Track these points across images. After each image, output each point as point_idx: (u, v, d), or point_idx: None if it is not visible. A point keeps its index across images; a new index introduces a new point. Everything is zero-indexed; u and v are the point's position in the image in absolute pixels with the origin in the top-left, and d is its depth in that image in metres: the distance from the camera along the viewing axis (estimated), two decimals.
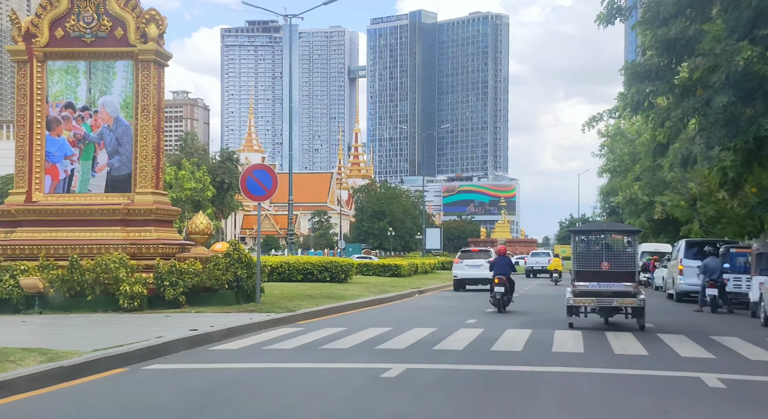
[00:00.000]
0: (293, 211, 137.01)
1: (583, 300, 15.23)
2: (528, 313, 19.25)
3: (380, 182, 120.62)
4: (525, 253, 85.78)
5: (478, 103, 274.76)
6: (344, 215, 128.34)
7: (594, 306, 15.35)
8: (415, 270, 43.51)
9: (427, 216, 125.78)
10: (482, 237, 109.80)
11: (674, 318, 18.83)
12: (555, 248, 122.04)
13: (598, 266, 15.18)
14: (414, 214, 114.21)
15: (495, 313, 18.98)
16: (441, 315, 18.36)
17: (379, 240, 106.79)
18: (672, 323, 17.31)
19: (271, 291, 21.44)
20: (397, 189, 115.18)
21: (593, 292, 15.13)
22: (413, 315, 18.77)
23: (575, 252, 15.64)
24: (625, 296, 15.01)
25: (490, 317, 17.97)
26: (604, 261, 15.08)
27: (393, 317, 17.89)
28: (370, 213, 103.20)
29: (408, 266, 41.63)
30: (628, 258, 15.30)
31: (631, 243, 15.61)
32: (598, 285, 15.11)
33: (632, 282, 15.08)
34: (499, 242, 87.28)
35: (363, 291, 25.62)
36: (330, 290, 24.44)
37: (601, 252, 15.31)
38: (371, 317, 17.85)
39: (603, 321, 16.01)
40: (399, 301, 24.76)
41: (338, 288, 26.28)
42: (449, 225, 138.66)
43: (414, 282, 35.23)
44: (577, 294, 15.25)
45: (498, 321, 16.65)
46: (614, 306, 15.23)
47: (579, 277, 15.34)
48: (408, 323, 15.87)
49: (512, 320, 17.04)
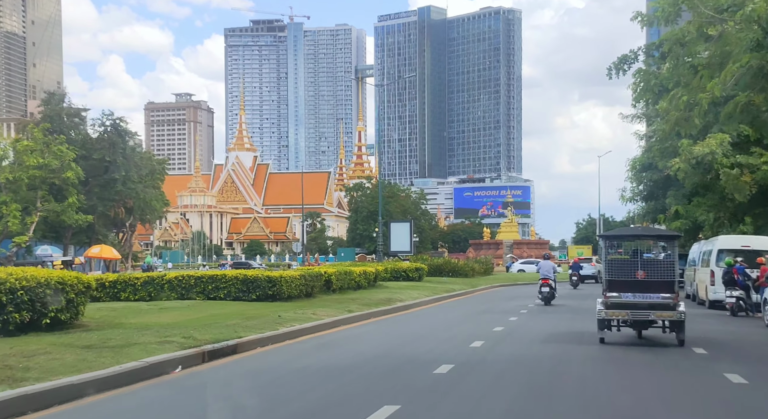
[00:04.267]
0: (285, 213, 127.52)
1: (616, 313, 14.00)
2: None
3: (376, 181, 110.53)
4: (535, 257, 75.24)
5: (490, 102, 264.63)
6: (341, 217, 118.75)
7: (627, 319, 14.08)
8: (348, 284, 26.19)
9: (430, 218, 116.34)
10: (486, 238, 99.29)
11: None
12: (569, 250, 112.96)
13: (632, 275, 14.00)
14: (415, 215, 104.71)
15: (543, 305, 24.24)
16: None
17: (375, 244, 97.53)
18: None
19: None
20: (395, 187, 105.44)
21: (627, 304, 13.94)
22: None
23: (606, 259, 14.48)
24: (663, 309, 13.80)
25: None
26: (640, 270, 13.97)
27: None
28: (365, 214, 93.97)
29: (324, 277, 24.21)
30: (666, 267, 14.09)
31: (669, 249, 15.04)
32: (633, 296, 13.94)
33: (671, 293, 13.85)
34: (505, 243, 76.97)
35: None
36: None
37: (636, 260, 14.26)
38: None
39: (636, 335, 14.93)
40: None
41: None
42: (455, 227, 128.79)
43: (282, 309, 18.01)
44: (610, 306, 14.03)
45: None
46: (650, 320, 13.96)
47: (611, 287, 14.14)
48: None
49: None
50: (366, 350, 12.57)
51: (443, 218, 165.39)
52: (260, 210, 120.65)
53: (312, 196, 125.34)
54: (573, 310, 22.35)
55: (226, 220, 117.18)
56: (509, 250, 77.22)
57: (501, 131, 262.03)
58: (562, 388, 9.16)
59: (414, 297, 25.49)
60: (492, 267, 55.65)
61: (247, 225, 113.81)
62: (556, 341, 14.25)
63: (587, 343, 13.93)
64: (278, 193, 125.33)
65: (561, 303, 25.28)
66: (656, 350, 13.33)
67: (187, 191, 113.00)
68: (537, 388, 9.06)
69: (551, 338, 14.69)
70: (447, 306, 24.73)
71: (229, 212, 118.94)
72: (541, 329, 16.47)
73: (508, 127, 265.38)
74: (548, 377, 9.97)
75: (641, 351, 13.12)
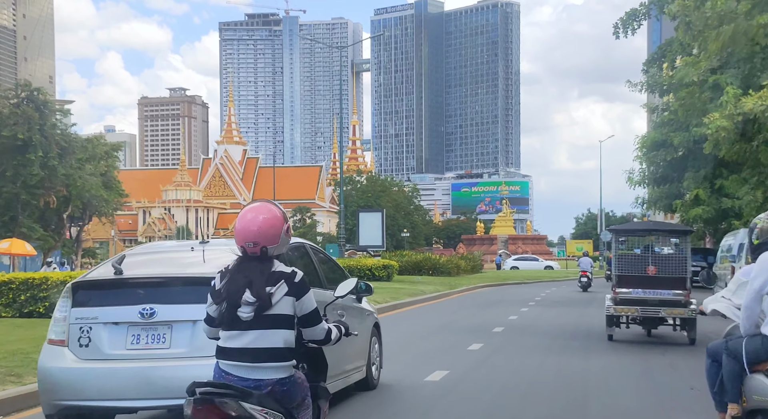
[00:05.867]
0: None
1: (625, 309, 13.50)
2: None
3: (368, 175, 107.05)
4: (531, 253, 71.41)
5: (488, 96, 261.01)
6: (333, 212, 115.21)
7: (637, 315, 13.58)
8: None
9: (424, 213, 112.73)
10: (480, 233, 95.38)
11: None
12: (568, 245, 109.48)
13: (642, 270, 13.44)
14: (408, 210, 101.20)
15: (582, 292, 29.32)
16: None
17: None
18: None
19: None
20: (386, 181, 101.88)
21: (637, 300, 13.41)
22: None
23: (616, 254, 14.03)
24: (674, 305, 13.24)
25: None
26: (650, 265, 13.38)
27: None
28: (355, 209, 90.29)
29: None
30: (677, 262, 13.42)
31: (682, 244, 13.99)
32: (643, 292, 13.39)
33: (683, 289, 13.25)
34: (499, 239, 73.31)
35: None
36: None
37: (646, 255, 13.78)
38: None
39: (645, 333, 14.35)
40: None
41: None
42: (450, 223, 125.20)
43: None
44: (619, 302, 13.49)
45: None
46: (660, 317, 13.52)
47: (621, 283, 13.60)
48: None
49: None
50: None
51: (440, 214, 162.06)
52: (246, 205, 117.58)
53: (303, 190, 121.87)
54: (560, 331, 15.31)
55: (213, 215, 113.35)
56: (504, 246, 73.60)
57: (499, 126, 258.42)
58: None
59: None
60: (481, 264, 49.70)
61: (235, 220, 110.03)
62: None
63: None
64: (268, 187, 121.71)
65: (592, 292, 29.95)
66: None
67: (173, 185, 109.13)
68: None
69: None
70: (398, 318, 18.24)
71: (217, 207, 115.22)
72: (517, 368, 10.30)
73: (507, 122, 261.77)
74: None
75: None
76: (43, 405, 5.99)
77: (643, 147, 33.28)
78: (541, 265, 59.51)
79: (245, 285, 3.67)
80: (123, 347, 5.75)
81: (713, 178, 29.74)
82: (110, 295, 5.93)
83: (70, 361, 5.78)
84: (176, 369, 5.56)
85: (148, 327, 5.77)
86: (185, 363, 5.59)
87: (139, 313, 5.71)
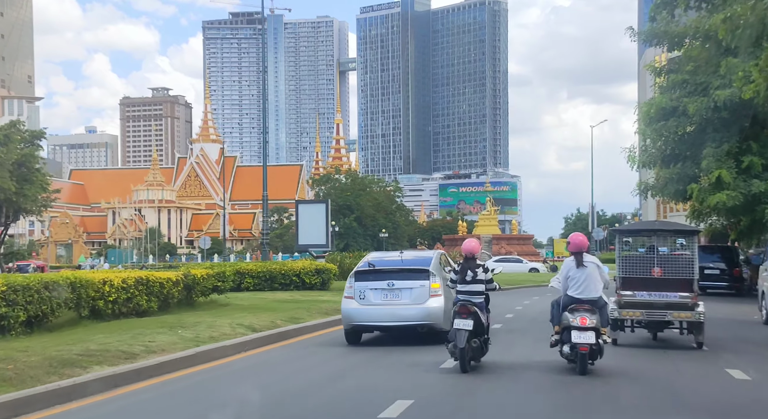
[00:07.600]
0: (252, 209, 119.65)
1: (630, 313, 13.16)
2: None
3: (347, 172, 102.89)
4: (516, 253, 67.26)
5: (475, 96, 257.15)
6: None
7: (642, 319, 13.29)
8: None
9: (407, 213, 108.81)
10: (462, 232, 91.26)
11: None
12: (556, 244, 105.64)
13: (648, 272, 13.13)
14: (389, 209, 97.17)
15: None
16: None
17: (346, 240, 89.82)
18: None
19: None
20: (366, 179, 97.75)
21: (642, 303, 13.12)
22: None
23: (620, 255, 13.64)
24: (680, 308, 12.95)
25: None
26: (656, 267, 13.07)
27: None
28: (333, 209, 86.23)
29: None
30: (684, 264, 13.12)
31: (688, 245, 13.74)
32: (649, 295, 13.11)
33: (690, 292, 12.98)
34: (483, 239, 69.12)
35: None
36: None
37: (651, 256, 13.34)
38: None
39: (651, 337, 14.07)
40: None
41: None
42: (435, 223, 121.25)
43: None
44: (623, 305, 13.15)
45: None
46: (666, 320, 13.17)
47: (625, 285, 13.26)
48: None
49: None
50: None
51: (426, 215, 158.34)
52: (226, 206, 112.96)
53: (283, 190, 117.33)
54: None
55: (186, 216, 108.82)
56: (487, 247, 69.51)
57: (487, 126, 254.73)
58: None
59: (226, 334, 12.82)
60: None
61: (209, 221, 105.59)
62: None
63: None
64: (246, 187, 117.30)
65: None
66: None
67: (144, 185, 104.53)
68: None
69: None
70: (276, 358, 12.02)
71: (191, 208, 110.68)
72: None
73: (495, 121, 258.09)
74: None
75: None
76: (345, 325, 13.47)
77: (647, 116, 25.47)
78: (526, 267, 55.17)
79: (470, 268, 10.70)
80: (380, 300, 13.09)
81: (739, 153, 23.14)
82: (371, 275, 13.38)
83: (356, 305, 13.18)
84: (404, 308, 12.96)
85: (390, 291, 13.11)
86: (408, 306, 12.92)
87: (386, 284, 13.08)
